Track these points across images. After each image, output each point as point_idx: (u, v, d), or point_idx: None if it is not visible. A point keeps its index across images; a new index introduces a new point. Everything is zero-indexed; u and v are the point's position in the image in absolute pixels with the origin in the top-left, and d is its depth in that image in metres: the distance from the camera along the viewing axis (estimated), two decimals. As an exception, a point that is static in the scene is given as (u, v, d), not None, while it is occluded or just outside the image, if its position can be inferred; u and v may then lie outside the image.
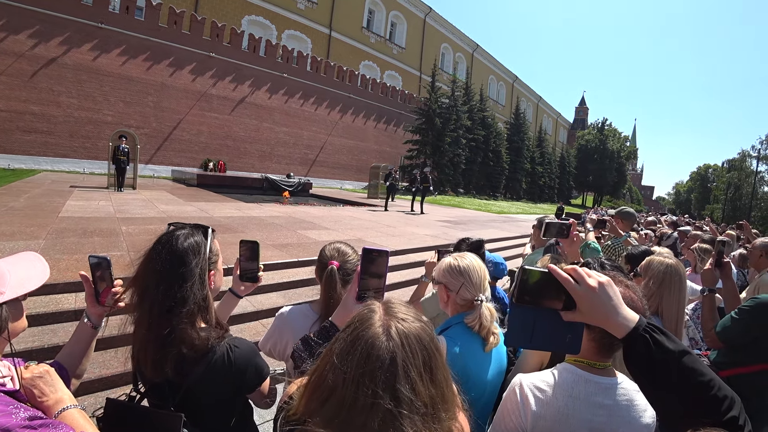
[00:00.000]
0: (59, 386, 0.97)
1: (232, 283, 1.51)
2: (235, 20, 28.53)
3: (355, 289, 1.11)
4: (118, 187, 12.32)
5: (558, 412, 1.05)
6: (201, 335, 1.09)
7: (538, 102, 71.76)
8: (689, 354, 0.70)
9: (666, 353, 0.70)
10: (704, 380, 0.68)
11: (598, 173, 59.63)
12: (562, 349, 0.84)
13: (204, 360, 1.08)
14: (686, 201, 73.15)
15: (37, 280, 0.98)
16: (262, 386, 1.22)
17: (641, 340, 0.72)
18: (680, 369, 0.69)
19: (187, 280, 1.08)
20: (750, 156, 50.01)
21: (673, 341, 0.71)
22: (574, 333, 0.81)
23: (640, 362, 0.73)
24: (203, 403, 1.13)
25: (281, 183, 18.79)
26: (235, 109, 25.25)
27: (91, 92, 19.59)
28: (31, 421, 0.77)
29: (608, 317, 0.75)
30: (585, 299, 0.76)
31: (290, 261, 5.50)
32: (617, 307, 0.76)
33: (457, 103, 33.93)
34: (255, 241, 1.46)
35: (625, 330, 0.74)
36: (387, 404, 0.61)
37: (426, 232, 9.57)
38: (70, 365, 1.20)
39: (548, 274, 0.79)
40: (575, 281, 0.77)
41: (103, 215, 7.52)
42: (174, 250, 1.10)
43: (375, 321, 0.69)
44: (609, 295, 0.76)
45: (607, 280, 0.78)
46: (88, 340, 1.25)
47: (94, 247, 5.03)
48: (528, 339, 0.82)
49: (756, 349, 1.86)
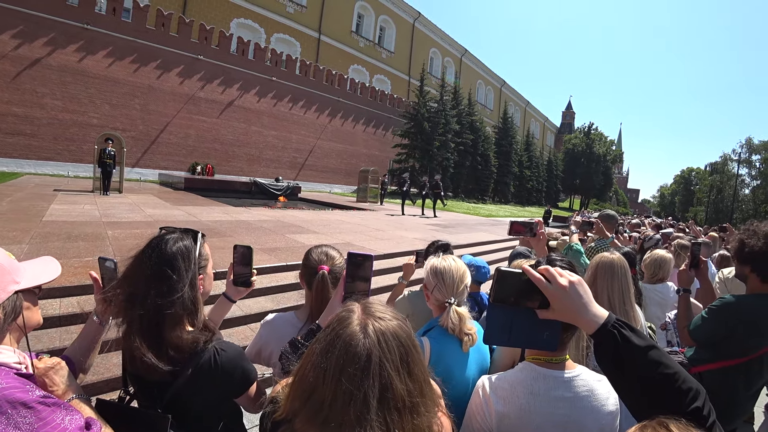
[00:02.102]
0: (69, 378, 1.02)
1: (226, 288, 1.52)
2: (223, 23, 28.37)
3: (341, 293, 1.13)
4: (104, 190, 12.16)
5: (520, 409, 1.08)
6: (188, 338, 1.10)
7: (525, 106, 72.56)
8: (655, 348, 0.73)
9: (632, 347, 0.73)
10: (669, 373, 0.71)
11: (584, 177, 60.48)
12: (540, 346, 0.87)
13: (191, 363, 1.10)
14: (671, 203, 74.43)
15: (50, 274, 1.05)
16: (249, 390, 1.23)
17: (609, 335, 0.75)
18: (646, 362, 0.72)
19: (175, 283, 1.10)
20: (731, 159, 51.27)
21: (640, 336, 0.74)
22: (552, 330, 0.84)
23: (608, 357, 0.76)
24: (191, 406, 1.14)
25: (270, 187, 18.72)
26: (224, 113, 25.10)
27: (76, 94, 19.32)
28: (45, 398, 0.83)
29: (579, 314, 0.78)
30: (557, 298, 0.79)
31: (279, 265, 5.50)
32: (587, 304, 0.79)
33: (446, 108, 34.13)
34: (248, 246, 1.46)
35: (595, 326, 0.77)
36: (365, 399, 0.63)
37: (414, 236, 9.61)
38: (77, 360, 1.25)
39: (523, 274, 0.82)
40: (547, 281, 0.81)
41: (89, 219, 7.41)
42: (163, 254, 1.11)
43: (353, 320, 0.71)
44: (579, 294, 0.79)
45: (578, 279, 0.81)
46: (96, 337, 1.29)
47: (79, 252, 4.97)
48: (507, 338, 0.85)
49: (724, 346, 1.93)
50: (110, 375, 2.89)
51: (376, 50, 41.47)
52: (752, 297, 1.93)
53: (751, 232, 1.93)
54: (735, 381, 1.92)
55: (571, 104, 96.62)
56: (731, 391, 1.91)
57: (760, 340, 1.88)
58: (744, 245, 1.94)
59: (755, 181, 49.88)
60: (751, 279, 1.94)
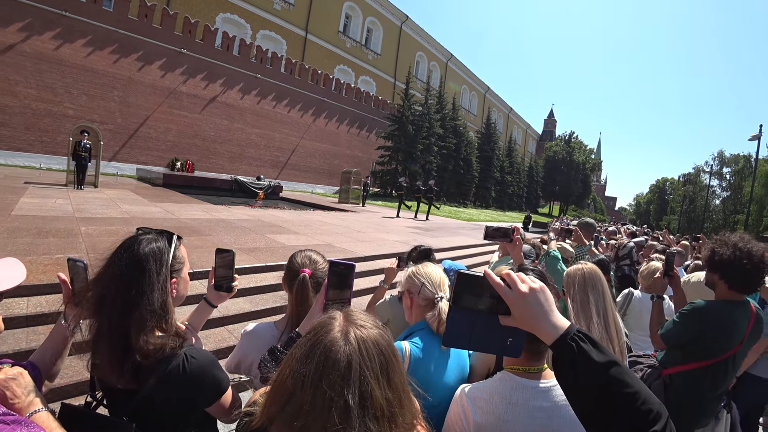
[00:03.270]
0: (32, 389, 0.97)
1: (207, 292, 1.50)
2: (208, 17, 27.94)
3: (322, 300, 1.12)
4: (78, 184, 11.78)
5: (499, 419, 1.08)
6: (156, 343, 1.07)
7: (508, 113, 73.62)
8: (617, 366, 0.70)
9: (589, 361, 0.70)
10: (630, 392, 0.68)
11: (564, 184, 61.83)
12: (503, 353, 0.84)
13: (158, 369, 1.07)
14: (646, 212, 76.52)
15: (12, 280, 1.00)
16: (222, 400, 1.20)
17: (567, 347, 0.72)
18: (605, 380, 0.69)
19: (144, 285, 1.07)
20: (704, 171, 53.25)
21: (601, 352, 0.71)
22: (516, 337, 0.80)
23: (564, 369, 0.74)
24: (158, 414, 1.11)
25: (251, 185, 18.49)
26: (206, 108, 24.70)
27: (51, 83, 18.70)
28: (3, 416, 0.78)
29: (538, 323, 0.75)
30: (516, 304, 0.76)
31: (258, 266, 5.43)
32: (547, 313, 0.76)
33: (430, 111, 34.36)
34: (230, 251, 1.44)
35: (553, 337, 0.74)
36: (345, 406, 0.63)
37: (396, 239, 9.63)
38: (43, 366, 1.19)
39: (484, 278, 0.79)
40: (508, 286, 0.78)
41: (61, 214, 7.17)
42: (134, 255, 1.09)
43: (335, 326, 0.70)
44: (539, 301, 0.76)
45: (540, 286, 0.78)
46: (64, 342, 1.24)
47: (49, 249, 4.80)
48: (467, 341, 0.82)
49: (692, 349, 2.05)
50: (79, 378, 2.78)
51: (362, 51, 41.49)
52: (720, 302, 2.06)
53: (722, 242, 2.05)
54: (702, 382, 2.03)
55: (553, 112, 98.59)
56: (699, 391, 2.04)
57: (727, 343, 2.00)
58: (714, 254, 2.06)
59: (725, 192, 51.90)
60: (720, 286, 2.07)
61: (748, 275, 1.98)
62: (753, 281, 2.01)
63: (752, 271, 1.96)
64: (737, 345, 2.00)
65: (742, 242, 2.00)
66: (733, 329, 1.99)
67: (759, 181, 34.42)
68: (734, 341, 2.00)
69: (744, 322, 2.01)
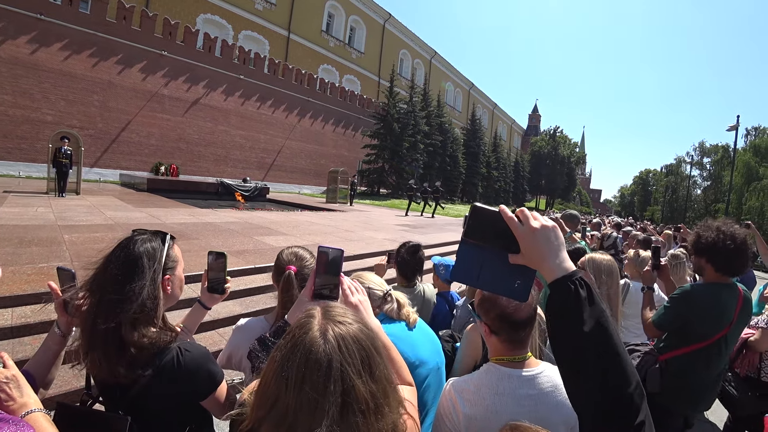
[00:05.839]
0: (26, 391, 0.97)
1: (200, 294, 1.54)
2: (189, 18, 27.57)
3: (310, 287, 1.11)
4: (60, 192, 11.55)
5: (487, 410, 1.11)
6: (151, 337, 1.10)
7: (493, 109, 74.09)
8: (606, 322, 0.68)
9: (581, 310, 0.68)
10: (612, 351, 0.67)
11: (550, 177, 62.61)
12: (510, 294, 0.79)
13: (153, 363, 1.09)
14: (630, 203, 77.63)
15: None
16: (217, 393, 1.21)
17: (565, 288, 0.70)
18: (591, 330, 0.67)
19: (138, 282, 1.10)
20: (685, 162, 54.24)
21: (595, 304, 0.69)
22: (524, 280, 0.77)
23: (553, 310, 0.72)
24: (153, 408, 1.12)
25: (237, 188, 18.34)
26: (189, 111, 24.37)
27: (28, 89, 18.26)
28: None
29: (544, 259, 0.73)
30: (525, 239, 0.74)
31: (247, 268, 5.41)
32: (557, 251, 0.73)
33: (415, 109, 34.36)
34: (222, 253, 1.47)
35: (556, 275, 0.72)
36: (328, 406, 0.63)
37: (384, 236, 9.65)
38: (38, 374, 1.20)
39: (498, 214, 0.77)
40: (520, 222, 0.75)
41: (42, 222, 7.04)
42: (129, 254, 1.12)
43: (313, 326, 0.71)
44: (549, 239, 0.73)
45: (552, 225, 0.75)
46: (57, 349, 1.25)
47: (32, 258, 4.72)
48: (475, 277, 0.79)
49: (685, 333, 2.14)
50: (72, 387, 2.75)
51: (346, 50, 41.35)
52: (707, 285, 2.16)
53: (706, 226, 2.17)
54: (696, 365, 2.12)
55: (537, 107, 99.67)
56: (694, 374, 2.13)
57: (716, 325, 2.09)
58: (700, 237, 2.16)
59: (706, 182, 52.97)
60: (707, 269, 2.16)
61: (732, 256, 2.07)
62: (737, 262, 2.10)
63: (736, 252, 2.06)
64: (726, 327, 2.09)
65: (725, 226, 2.11)
66: (722, 311, 2.08)
67: (738, 170, 35.26)
68: (723, 323, 2.09)
69: (732, 304, 2.10)
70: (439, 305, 2.68)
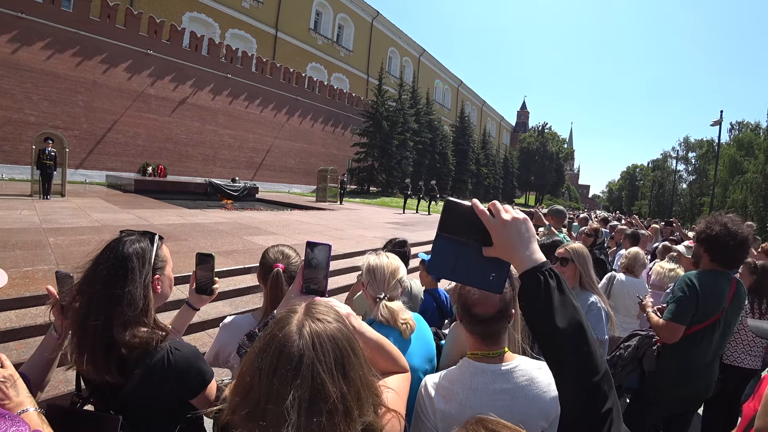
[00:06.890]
0: (21, 390, 0.98)
1: (189, 296, 1.54)
2: (175, 17, 27.20)
3: (299, 281, 1.12)
4: (44, 194, 11.36)
5: (461, 405, 1.11)
6: (142, 336, 1.11)
7: (482, 106, 74.35)
8: (575, 311, 0.71)
9: (550, 299, 0.71)
10: (579, 337, 0.70)
11: (539, 174, 63.16)
12: (485, 287, 0.81)
13: (143, 362, 1.10)
14: (618, 198, 78.70)
15: None
16: (207, 392, 1.22)
17: (534, 279, 0.73)
18: (561, 319, 0.70)
19: (127, 282, 1.11)
20: (671, 157, 55.15)
21: (563, 294, 0.72)
22: (498, 272, 0.79)
23: (526, 300, 0.75)
24: (144, 407, 1.13)
25: (226, 188, 18.20)
26: (176, 111, 24.08)
27: (9, 89, 17.88)
28: None
29: (515, 251, 0.75)
30: (497, 231, 0.75)
31: (236, 268, 5.40)
32: (527, 242, 0.76)
33: (404, 107, 34.36)
34: (211, 255, 1.48)
35: (526, 266, 0.74)
36: (294, 401, 0.63)
37: (374, 235, 9.67)
38: (33, 376, 1.21)
39: (470, 207, 0.79)
40: (492, 215, 0.77)
41: (27, 226, 6.94)
42: (118, 255, 1.13)
43: (292, 321, 0.71)
44: (520, 231, 0.76)
45: (524, 217, 0.78)
46: (54, 351, 1.26)
47: (16, 262, 4.65)
48: (451, 270, 0.81)
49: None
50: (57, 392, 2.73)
51: (334, 48, 41.18)
52: (705, 272, 2.30)
53: (715, 220, 2.28)
54: (691, 349, 2.26)
55: (525, 104, 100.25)
56: (689, 357, 2.27)
57: (713, 308, 2.22)
58: (707, 227, 2.28)
59: (691, 176, 53.90)
60: (703, 258, 2.31)
61: (730, 252, 2.20)
62: (733, 259, 2.25)
63: (734, 249, 2.18)
64: (721, 310, 2.23)
65: (732, 222, 2.21)
66: (718, 296, 2.22)
67: (722, 164, 35.83)
68: (718, 306, 2.22)
69: (726, 288, 2.24)
70: (426, 302, 2.70)
